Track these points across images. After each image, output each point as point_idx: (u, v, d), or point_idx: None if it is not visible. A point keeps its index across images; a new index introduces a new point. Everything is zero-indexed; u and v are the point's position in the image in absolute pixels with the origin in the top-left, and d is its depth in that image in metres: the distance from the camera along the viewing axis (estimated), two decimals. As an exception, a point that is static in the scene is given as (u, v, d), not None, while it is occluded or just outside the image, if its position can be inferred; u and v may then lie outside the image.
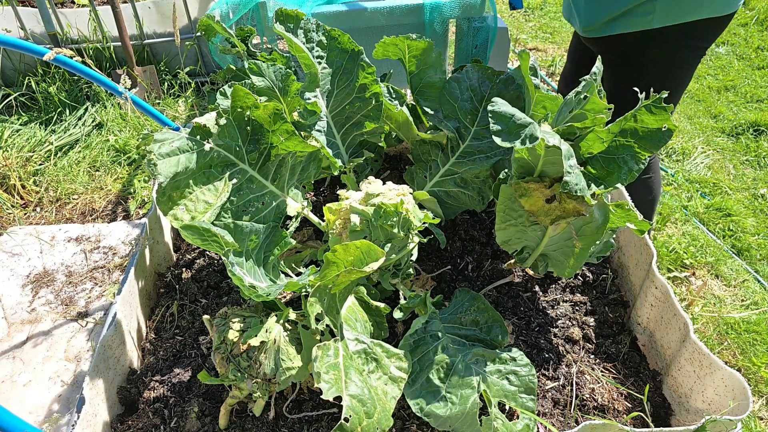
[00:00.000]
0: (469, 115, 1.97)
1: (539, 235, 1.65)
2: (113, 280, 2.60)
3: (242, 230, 1.60)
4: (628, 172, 1.51)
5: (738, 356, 2.42)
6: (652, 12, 1.79)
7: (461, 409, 1.38)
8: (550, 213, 1.54)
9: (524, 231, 1.66)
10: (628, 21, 1.89)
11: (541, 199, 1.53)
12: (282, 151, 1.76)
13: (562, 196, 1.51)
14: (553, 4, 5.95)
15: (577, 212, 1.51)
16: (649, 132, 1.49)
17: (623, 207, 1.59)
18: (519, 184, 1.55)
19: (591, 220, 1.54)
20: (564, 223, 1.55)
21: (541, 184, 1.54)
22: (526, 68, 1.73)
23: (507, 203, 1.62)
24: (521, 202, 1.56)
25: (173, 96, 4.01)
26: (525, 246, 1.73)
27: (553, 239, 1.63)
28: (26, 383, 2.12)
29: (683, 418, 1.56)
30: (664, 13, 1.79)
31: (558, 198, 1.52)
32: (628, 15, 1.86)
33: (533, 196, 1.53)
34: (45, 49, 2.10)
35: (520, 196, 1.55)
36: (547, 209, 1.54)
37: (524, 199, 1.55)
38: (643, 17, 1.83)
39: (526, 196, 1.54)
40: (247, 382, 1.41)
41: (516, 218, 1.63)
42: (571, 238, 1.58)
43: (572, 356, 1.68)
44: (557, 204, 1.52)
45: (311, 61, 1.94)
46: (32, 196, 3.20)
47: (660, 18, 1.80)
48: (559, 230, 1.58)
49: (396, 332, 1.75)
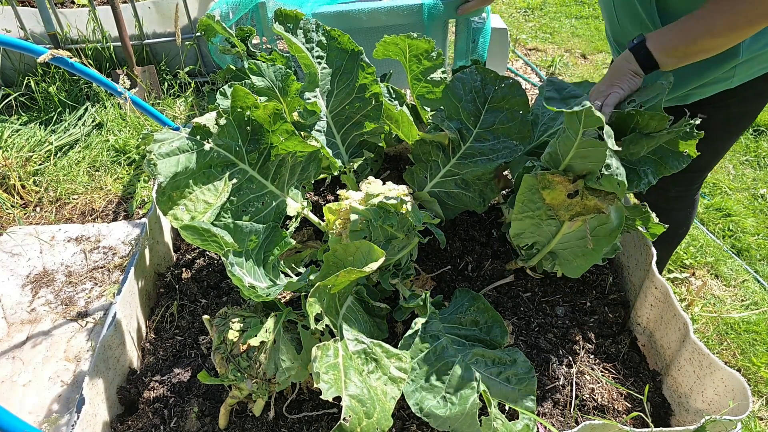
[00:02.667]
0: (472, 117, 1.97)
1: (553, 230, 1.65)
2: (113, 280, 2.60)
3: (242, 230, 1.60)
4: (647, 184, 1.56)
5: (738, 356, 2.43)
6: (732, 76, 1.78)
7: (461, 409, 1.38)
8: (571, 208, 1.54)
9: (540, 225, 1.65)
10: (708, 88, 1.85)
11: (564, 193, 1.53)
12: (282, 151, 1.76)
13: (585, 192, 1.51)
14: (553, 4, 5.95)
15: (597, 209, 1.52)
16: (674, 153, 1.54)
17: (639, 208, 1.60)
18: (544, 176, 1.54)
19: (607, 221, 1.54)
20: (580, 221, 1.56)
21: (565, 177, 1.53)
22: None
23: (527, 194, 1.61)
24: (543, 194, 1.56)
25: (173, 96, 4.01)
26: (536, 241, 1.73)
27: (566, 237, 1.63)
28: (26, 383, 2.12)
29: (683, 418, 1.56)
30: (743, 73, 1.78)
31: (580, 193, 1.52)
32: (710, 83, 1.83)
33: (556, 189, 1.53)
34: (44, 49, 2.10)
35: (543, 188, 1.55)
36: (568, 204, 1.54)
37: (546, 192, 1.55)
38: (724, 81, 1.81)
39: (549, 188, 1.54)
40: (246, 382, 1.41)
41: (534, 210, 1.63)
42: (584, 237, 1.58)
43: (572, 356, 1.68)
44: (579, 200, 1.52)
45: (311, 61, 1.94)
46: (32, 196, 3.20)
47: (739, 78, 1.79)
48: (574, 228, 1.58)
49: (396, 332, 1.75)
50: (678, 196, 1.98)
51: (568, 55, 4.98)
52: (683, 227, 2.18)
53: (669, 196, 1.98)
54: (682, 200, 2.07)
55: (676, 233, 2.20)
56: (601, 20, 5.58)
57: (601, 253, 1.61)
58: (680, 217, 2.13)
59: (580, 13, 5.74)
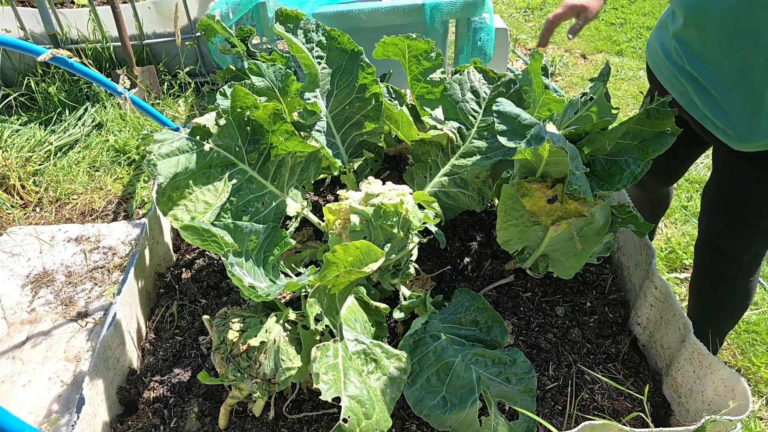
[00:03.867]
0: (471, 116, 1.97)
1: (540, 235, 1.65)
2: (113, 281, 2.60)
3: (242, 230, 1.60)
4: (630, 175, 1.48)
5: (738, 356, 2.42)
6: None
7: (461, 409, 1.38)
8: (552, 213, 1.54)
9: (525, 231, 1.66)
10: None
11: (543, 200, 1.53)
12: (282, 151, 1.76)
13: (564, 196, 1.51)
14: (553, 4, 5.94)
15: (578, 213, 1.51)
16: (653, 135, 1.48)
17: (626, 208, 1.59)
18: (521, 184, 1.55)
19: (592, 221, 1.54)
20: (565, 224, 1.55)
21: (543, 184, 1.54)
22: (537, 68, 1.72)
23: (508, 203, 1.62)
24: (523, 202, 1.56)
25: (173, 96, 4.01)
26: (526, 246, 1.73)
27: (554, 239, 1.63)
28: (26, 383, 2.12)
29: (683, 418, 1.55)
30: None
31: (560, 198, 1.52)
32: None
33: (535, 196, 1.53)
34: (44, 49, 2.10)
35: (521, 196, 1.55)
36: (549, 209, 1.54)
37: (526, 199, 1.55)
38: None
39: (528, 196, 1.54)
40: (246, 383, 1.41)
41: (517, 218, 1.63)
42: (572, 238, 1.58)
43: (572, 356, 1.68)
44: (559, 204, 1.52)
45: (311, 61, 1.94)
46: (32, 196, 3.20)
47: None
48: (560, 231, 1.58)
49: (396, 332, 1.75)
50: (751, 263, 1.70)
51: (568, 55, 4.98)
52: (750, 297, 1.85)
53: (743, 264, 1.71)
54: (755, 267, 1.74)
55: (744, 304, 1.88)
56: (600, 20, 5.57)
57: (591, 252, 1.60)
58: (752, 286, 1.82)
59: (580, 13, 5.74)
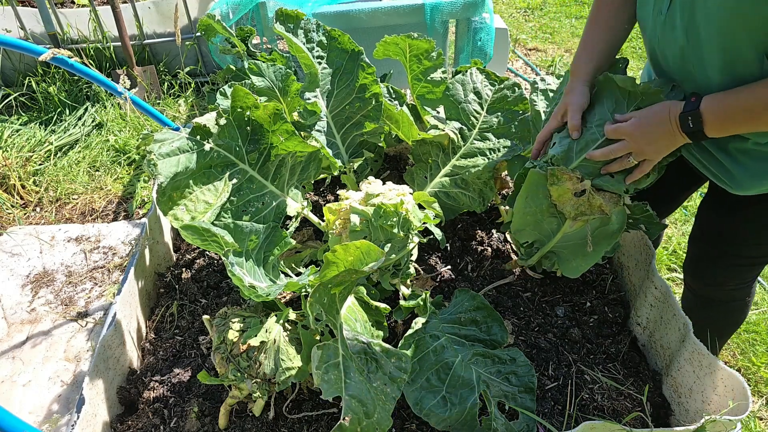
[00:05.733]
0: (473, 117, 1.97)
1: (555, 228, 1.65)
2: (113, 280, 2.60)
3: (242, 230, 1.60)
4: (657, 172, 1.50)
5: (738, 356, 2.42)
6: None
7: (461, 409, 1.38)
8: (576, 207, 1.54)
9: (541, 222, 1.65)
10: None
11: (570, 192, 1.52)
12: (282, 151, 1.76)
13: (592, 192, 1.51)
14: (553, 4, 5.95)
15: (601, 210, 1.52)
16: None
17: (642, 207, 1.59)
18: (553, 171, 1.54)
19: (608, 223, 1.54)
20: (581, 222, 1.55)
21: (573, 175, 1.53)
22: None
23: (532, 189, 1.61)
24: (550, 190, 1.55)
25: (173, 96, 4.01)
26: (537, 239, 1.73)
27: (567, 236, 1.63)
28: (26, 383, 2.12)
29: (683, 418, 1.55)
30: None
31: (587, 193, 1.52)
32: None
33: (564, 187, 1.53)
34: (44, 49, 2.10)
35: (551, 184, 1.54)
36: (574, 202, 1.53)
37: (554, 188, 1.54)
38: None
39: (557, 185, 1.54)
40: (246, 382, 1.41)
41: (536, 206, 1.62)
42: (584, 238, 1.58)
43: (572, 356, 1.68)
44: (585, 199, 1.52)
45: (311, 61, 1.94)
46: (32, 196, 3.20)
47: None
48: (575, 227, 1.58)
49: (396, 332, 1.75)
50: (736, 288, 1.73)
51: (568, 55, 4.98)
52: (745, 313, 1.89)
53: (726, 290, 1.74)
54: (741, 290, 1.77)
55: (736, 321, 1.92)
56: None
57: (600, 254, 1.61)
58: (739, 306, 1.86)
59: (580, 13, 5.74)
